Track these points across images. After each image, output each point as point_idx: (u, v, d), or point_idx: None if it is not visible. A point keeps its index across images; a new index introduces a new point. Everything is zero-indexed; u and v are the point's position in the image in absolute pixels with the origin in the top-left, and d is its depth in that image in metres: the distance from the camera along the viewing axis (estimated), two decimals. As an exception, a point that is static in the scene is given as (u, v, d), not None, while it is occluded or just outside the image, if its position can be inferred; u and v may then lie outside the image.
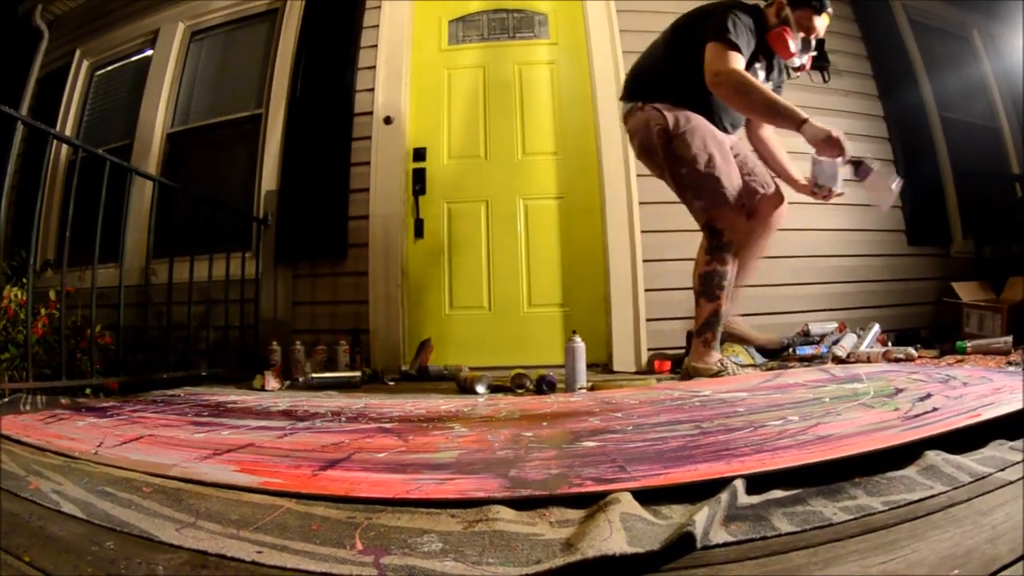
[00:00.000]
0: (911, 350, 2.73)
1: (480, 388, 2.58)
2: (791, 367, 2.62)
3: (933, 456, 1.00)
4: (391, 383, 3.11)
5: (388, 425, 1.64)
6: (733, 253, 2.47)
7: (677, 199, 3.34)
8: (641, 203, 3.48)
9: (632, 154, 3.42)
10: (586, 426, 1.50)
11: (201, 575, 0.73)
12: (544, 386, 2.51)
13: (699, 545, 0.76)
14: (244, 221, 3.46)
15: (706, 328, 2.56)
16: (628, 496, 0.93)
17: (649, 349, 3.41)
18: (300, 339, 3.26)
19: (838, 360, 2.74)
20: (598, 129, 3.55)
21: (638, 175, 3.48)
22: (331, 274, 3.53)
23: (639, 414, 1.62)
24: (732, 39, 2.28)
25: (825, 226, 2.71)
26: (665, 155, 2.47)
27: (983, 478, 0.92)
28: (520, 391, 2.58)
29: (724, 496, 0.88)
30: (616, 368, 3.41)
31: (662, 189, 3.45)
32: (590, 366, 3.30)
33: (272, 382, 2.78)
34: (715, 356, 2.59)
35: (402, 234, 3.53)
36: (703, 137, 2.39)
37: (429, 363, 3.34)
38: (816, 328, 3.19)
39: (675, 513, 0.90)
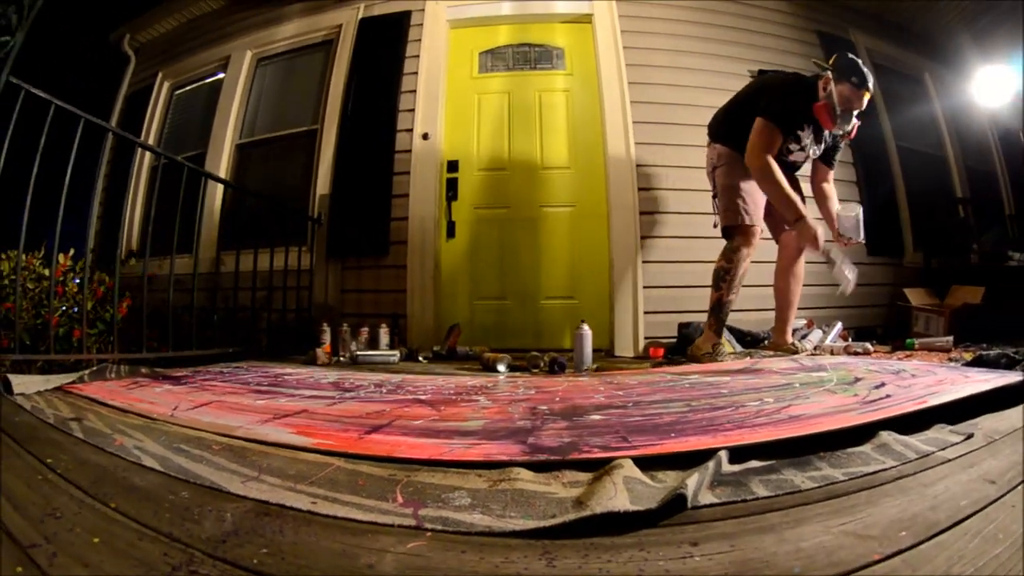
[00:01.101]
0: (868, 345, 2.72)
1: (501, 367, 2.56)
2: (766, 356, 2.57)
3: (886, 436, 1.00)
4: (424, 360, 3.11)
5: (423, 397, 1.63)
6: (739, 258, 2.54)
7: (673, 211, 3.37)
8: (641, 213, 3.44)
9: (634, 169, 3.44)
10: (593, 402, 1.49)
11: (264, 522, 0.73)
12: (556, 367, 2.49)
13: (690, 505, 0.76)
14: (300, 220, 3.46)
15: (710, 314, 2.65)
16: (630, 462, 0.92)
17: (646, 337, 3.38)
18: (347, 321, 3.27)
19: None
20: (606, 148, 3.51)
21: (640, 188, 3.45)
22: (375, 266, 3.52)
23: (638, 393, 1.60)
24: (776, 119, 2.43)
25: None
26: (713, 179, 2.72)
27: (927, 455, 0.92)
28: (535, 370, 2.57)
29: (711, 465, 0.88)
30: (617, 353, 3.38)
31: (661, 201, 3.46)
32: (594, 350, 3.29)
33: (322, 357, 2.77)
34: (712, 341, 2.60)
35: (436, 234, 3.52)
36: (734, 174, 2.58)
37: (457, 345, 3.33)
38: (789, 323, 3.14)
39: (669, 478, 0.89)
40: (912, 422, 1.08)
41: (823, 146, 2.63)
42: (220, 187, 3.19)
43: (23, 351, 1.97)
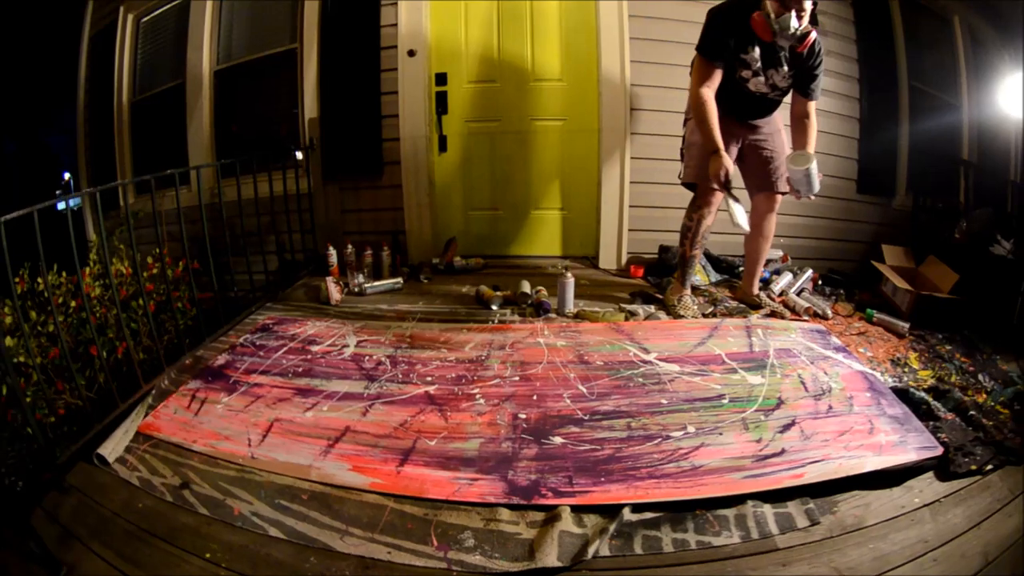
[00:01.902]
0: (828, 310, 3.11)
1: (494, 306, 3.24)
2: (729, 310, 3.14)
3: (750, 506, 1.66)
4: (426, 281, 3.77)
5: (432, 389, 2.34)
6: (699, 215, 2.99)
7: (664, 133, 3.71)
8: (632, 133, 3.79)
9: (628, 88, 3.71)
10: (560, 408, 2.19)
11: (367, 575, 1.50)
12: (540, 310, 3.16)
13: (589, 556, 1.51)
14: (294, 148, 3.82)
15: (676, 267, 3.24)
16: (567, 511, 1.67)
17: (628, 253, 4.00)
18: (350, 240, 3.85)
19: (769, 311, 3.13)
20: (600, 62, 3.71)
21: (632, 109, 3.76)
22: (371, 187, 3.99)
23: (598, 391, 2.30)
24: (705, 51, 2.67)
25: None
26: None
27: (766, 537, 1.55)
28: (524, 306, 3.24)
29: (614, 524, 1.62)
30: (601, 265, 4.01)
31: (650, 124, 3.77)
32: (581, 259, 3.98)
33: (335, 294, 3.38)
34: (678, 292, 3.20)
35: (428, 150, 3.90)
36: (695, 132, 2.84)
37: (454, 258, 3.97)
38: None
39: (591, 522, 1.64)
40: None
41: (785, 68, 2.70)
42: (206, 119, 3.48)
43: (75, 396, 2.34)
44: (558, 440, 2.01)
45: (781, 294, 3.36)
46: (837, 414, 2.12)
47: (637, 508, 1.69)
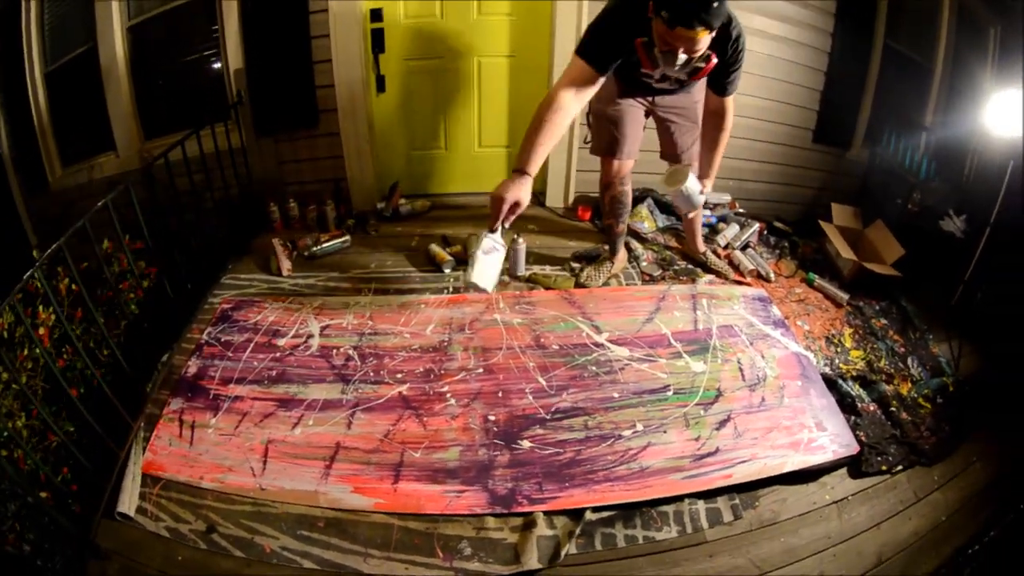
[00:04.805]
0: (771, 273, 3.61)
1: (447, 269, 3.69)
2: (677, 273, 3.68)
3: (686, 503, 2.27)
4: (374, 233, 4.11)
5: (405, 390, 2.82)
6: (608, 193, 3.35)
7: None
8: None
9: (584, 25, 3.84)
10: (524, 407, 2.73)
11: None
12: (494, 274, 3.63)
13: (562, 557, 2.16)
14: (221, 104, 3.87)
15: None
16: (542, 517, 2.29)
17: (576, 192, 4.44)
18: (291, 193, 4.08)
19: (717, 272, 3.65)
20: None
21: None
22: (308, 136, 4.12)
23: (557, 383, 2.85)
24: (588, 57, 2.41)
25: (741, 113, 3.19)
26: None
27: (696, 531, 2.17)
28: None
29: (579, 526, 2.26)
30: (548, 204, 4.47)
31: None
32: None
33: (285, 263, 3.66)
34: (605, 264, 3.67)
35: (366, 94, 4.01)
36: (603, 99, 2.99)
37: (399, 204, 4.28)
38: (713, 196, 4.14)
39: (560, 523, 2.27)
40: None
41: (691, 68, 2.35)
42: (124, 79, 3.46)
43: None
44: (526, 444, 2.58)
45: (727, 247, 3.91)
46: (768, 407, 2.63)
47: (596, 508, 2.31)
